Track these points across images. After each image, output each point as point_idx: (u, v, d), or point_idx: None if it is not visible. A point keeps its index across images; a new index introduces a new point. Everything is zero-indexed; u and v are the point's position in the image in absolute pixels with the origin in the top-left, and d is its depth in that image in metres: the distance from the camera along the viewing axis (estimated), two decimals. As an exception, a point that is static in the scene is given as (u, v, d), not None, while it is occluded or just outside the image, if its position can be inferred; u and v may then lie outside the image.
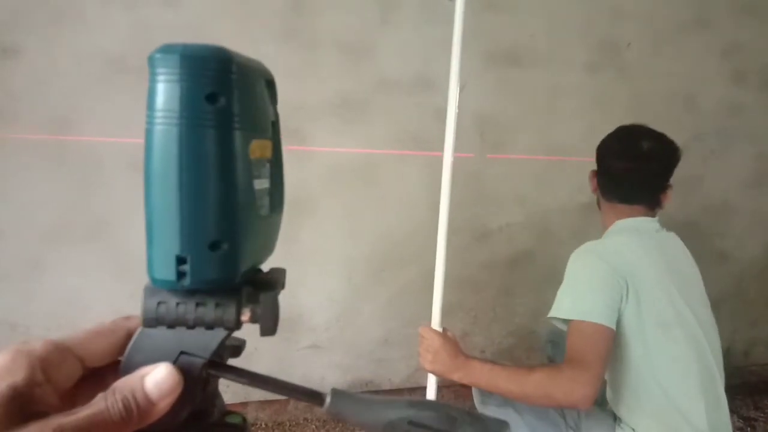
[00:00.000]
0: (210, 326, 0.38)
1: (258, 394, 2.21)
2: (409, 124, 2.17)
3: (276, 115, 0.43)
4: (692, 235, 2.67)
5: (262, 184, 0.41)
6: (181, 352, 0.38)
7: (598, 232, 1.89)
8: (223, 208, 0.37)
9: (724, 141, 2.61)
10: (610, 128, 2.43)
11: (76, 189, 1.93)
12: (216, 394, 0.44)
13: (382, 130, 2.17)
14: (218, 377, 0.40)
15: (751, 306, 2.82)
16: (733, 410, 2.49)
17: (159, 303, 0.38)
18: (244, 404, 2.15)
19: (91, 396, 0.33)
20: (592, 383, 1.21)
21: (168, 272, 0.37)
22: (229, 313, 0.38)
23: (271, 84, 0.43)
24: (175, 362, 0.38)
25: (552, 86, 2.31)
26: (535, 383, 1.24)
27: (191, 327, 0.38)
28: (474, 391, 1.60)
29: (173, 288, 0.38)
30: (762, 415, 2.48)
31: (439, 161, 1.35)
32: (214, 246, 0.37)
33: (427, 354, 1.35)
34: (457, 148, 2.25)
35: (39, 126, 1.86)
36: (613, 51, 2.38)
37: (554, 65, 2.31)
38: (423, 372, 1.53)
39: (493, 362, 1.33)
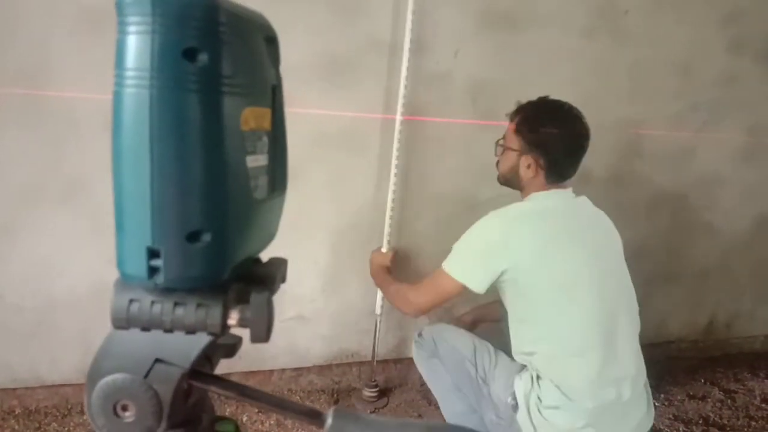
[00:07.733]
0: (191, 330, 0.32)
1: (241, 364, 2.16)
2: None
3: (278, 78, 0.36)
4: (682, 207, 2.66)
5: (257, 160, 0.34)
6: (156, 360, 0.32)
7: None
8: (206, 190, 0.30)
9: (718, 112, 2.57)
10: (605, 95, 2.39)
11: (50, 148, 1.82)
12: (203, 403, 0.38)
13: (370, 94, 2.08)
14: (202, 389, 0.34)
15: (735, 279, 2.83)
16: (713, 382, 2.51)
17: (131, 301, 0.32)
18: (227, 375, 2.11)
19: None
20: (417, 312, 1.74)
21: (138, 267, 0.31)
22: (214, 315, 0.32)
23: (272, 41, 0.35)
24: (149, 372, 0.32)
25: (548, 51, 2.23)
26: (390, 293, 1.87)
27: (169, 330, 0.32)
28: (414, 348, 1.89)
29: (146, 285, 0.32)
30: (742, 387, 2.51)
31: (428, 126, 1.28)
32: (193, 237, 0.31)
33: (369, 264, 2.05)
34: (449, 114, 2.18)
35: (7, 80, 1.74)
36: (612, 16, 2.30)
37: (551, 29, 2.22)
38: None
39: (397, 282, 1.87)
